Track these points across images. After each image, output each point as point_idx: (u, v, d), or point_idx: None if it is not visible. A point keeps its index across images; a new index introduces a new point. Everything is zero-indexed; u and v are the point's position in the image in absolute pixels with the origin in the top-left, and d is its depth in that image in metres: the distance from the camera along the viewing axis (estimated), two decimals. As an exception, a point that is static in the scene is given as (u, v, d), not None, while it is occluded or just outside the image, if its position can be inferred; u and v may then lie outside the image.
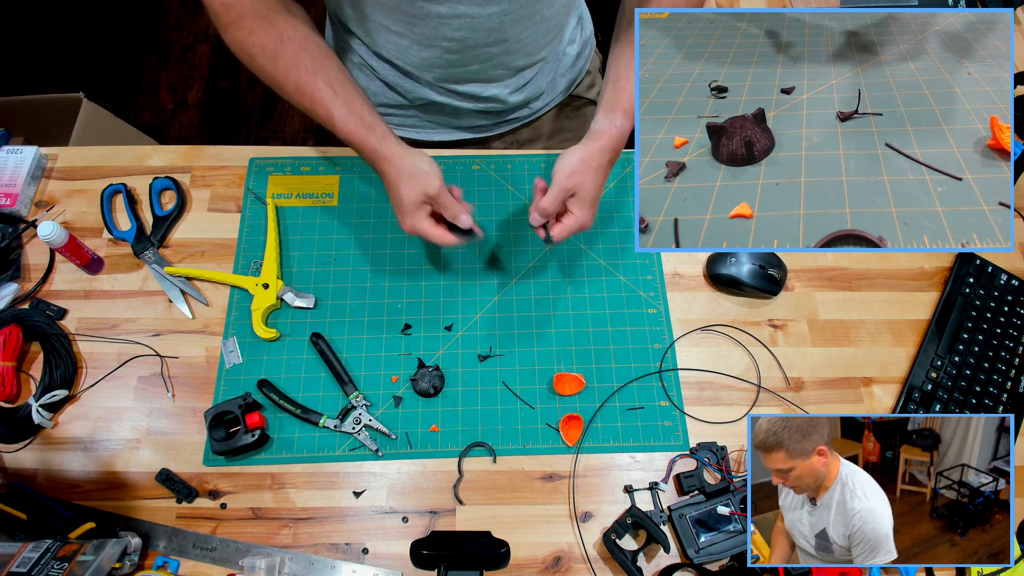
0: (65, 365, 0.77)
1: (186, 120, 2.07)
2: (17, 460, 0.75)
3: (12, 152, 0.88)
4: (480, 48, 0.81)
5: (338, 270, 0.86)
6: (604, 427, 0.78)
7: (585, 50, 0.99)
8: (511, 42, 0.82)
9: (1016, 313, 0.87)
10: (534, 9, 0.79)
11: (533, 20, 0.81)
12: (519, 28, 0.80)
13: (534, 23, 0.81)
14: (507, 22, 0.78)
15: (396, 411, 0.78)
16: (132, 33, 2.20)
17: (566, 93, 1.01)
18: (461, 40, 0.78)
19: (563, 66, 0.96)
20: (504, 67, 0.86)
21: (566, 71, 0.97)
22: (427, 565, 0.69)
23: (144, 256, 0.84)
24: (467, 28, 0.77)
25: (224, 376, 0.79)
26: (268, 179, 0.91)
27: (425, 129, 0.97)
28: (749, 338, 0.84)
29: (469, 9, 0.74)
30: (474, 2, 0.74)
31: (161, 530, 0.71)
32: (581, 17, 0.96)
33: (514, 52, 0.84)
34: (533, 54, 0.87)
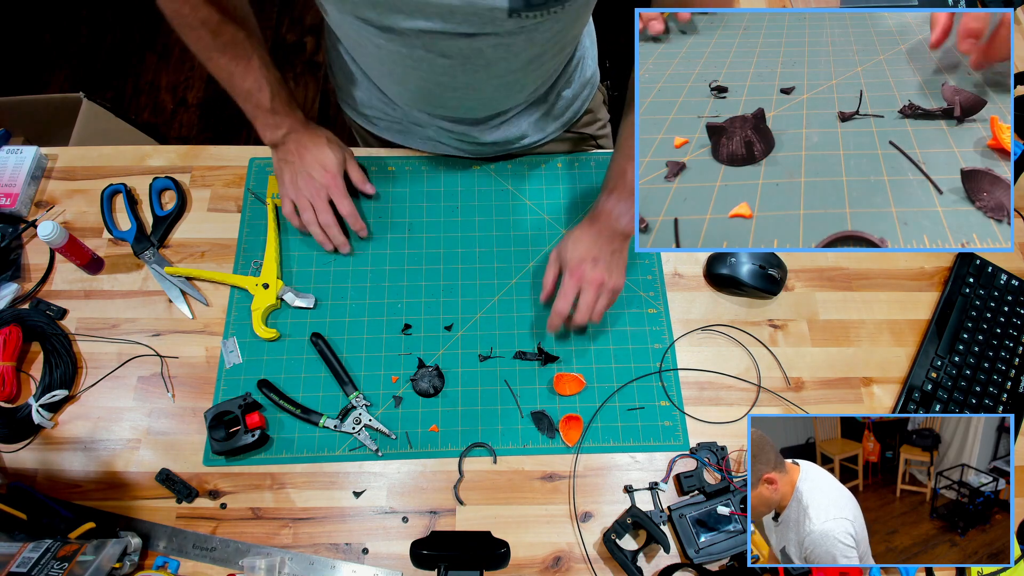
0: (65, 365, 0.77)
1: (186, 120, 2.07)
2: (17, 460, 0.75)
3: (12, 152, 0.88)
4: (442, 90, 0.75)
5: (338, 270, 0.86)
6: (604, 427, 0.78)
7: (584, 91, 0.92)
8: (466, 90, 0.76)
9: (1016, 313, 0.87)
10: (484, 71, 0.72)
11: (488, 76, 0.73)
12: (473, 79, 0.73)
13: (490, 80, 0.74)
14: (458, 72, 0.71)
15: (396, 411, 0.78)
16: (132, 33, 2.20)
17: (562, 131, 0.94)
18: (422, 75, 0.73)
19: (557, 109, 0.89)
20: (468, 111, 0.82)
21: (560, 113, 0.90)
22: (427, 565, 0.69)
23: (144, 256, 0.84)
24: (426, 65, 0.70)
25: (224, 376, 0.79)
26: (268, 179, 0.91)
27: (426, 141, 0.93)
28: (749, 338, 0.84)
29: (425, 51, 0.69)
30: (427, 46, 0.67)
31: (161, 530, 0.71)
32: (582, 59, 0.88)
33: (473, 101, 0.79)
34: (495, 106, 0.82)
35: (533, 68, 0.74)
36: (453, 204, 0.91)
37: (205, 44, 0.74)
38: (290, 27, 2.21)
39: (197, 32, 0.73)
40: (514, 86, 0.77)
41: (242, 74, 0.77)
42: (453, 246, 0.88)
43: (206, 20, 0.72)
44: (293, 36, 2.20)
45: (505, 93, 0.78)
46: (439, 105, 0.80)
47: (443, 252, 0.87)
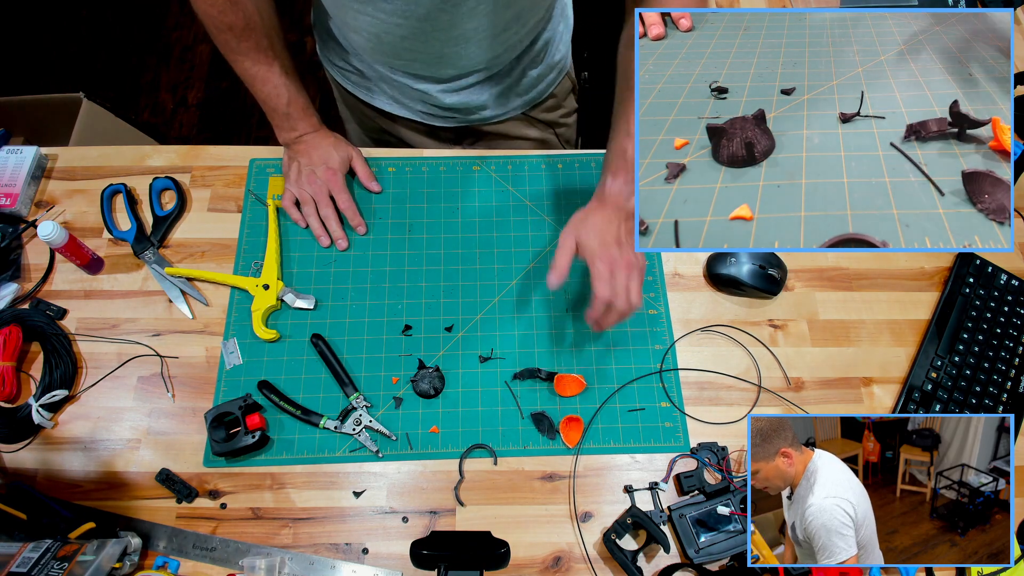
0: (65, 365, 0.77)
1: (186, 120, 2.07)
2: (17, 460, 0.75)
3: (12, 152, 0.88)
4: (401, 40, 0.78)
5: (338, 271, 0.86)
6: (605, 428, 0.78)
7: (550, 74, 0.95)
8: (414, 40, 0.78)
9: (1016, 313, 0.87)
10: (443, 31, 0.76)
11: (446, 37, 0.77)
12: (420, 27, 0.76)
13: (436, 33, 0.77)
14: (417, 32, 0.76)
15: (396, 412, 0.78)
16: (132, 33, 2.20)
17: (523, 109, 0.97)
18: (382, 28, 0.77)
19: (522, 86, 0.93)
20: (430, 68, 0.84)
21: (524, 90, 0.94)
22: (427, 565, 0.69)
23: (144, 256, 0.84)
24: (383, 20, 0.75)
25: (224, 377, 0.79)
26: (268, 179, 0.91)
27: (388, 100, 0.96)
28: (749, 338, 0.84)
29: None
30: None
31: (161, 530, 0.71)
32: (550, 41, 0.92)
33: (426, 56, 0.81)
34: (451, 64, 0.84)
35: (488, 32, 0.78)
36: (453, 204, 0.91)
37: (231, 47, 0.79)
38: (290, 27, 2.21)
39: (224, 35, 0.78)
40: (468, 45, 0.80)
41: (263, 79, 0.82)
42: (453, 247, 0.88)
43: (232, 25, 0.77)
44: (293, 36, 2.20)
45: (458, 51, 0.80)
46: (392, 55, 0.83)
47: (443, 253, 0.87)
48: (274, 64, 0.82)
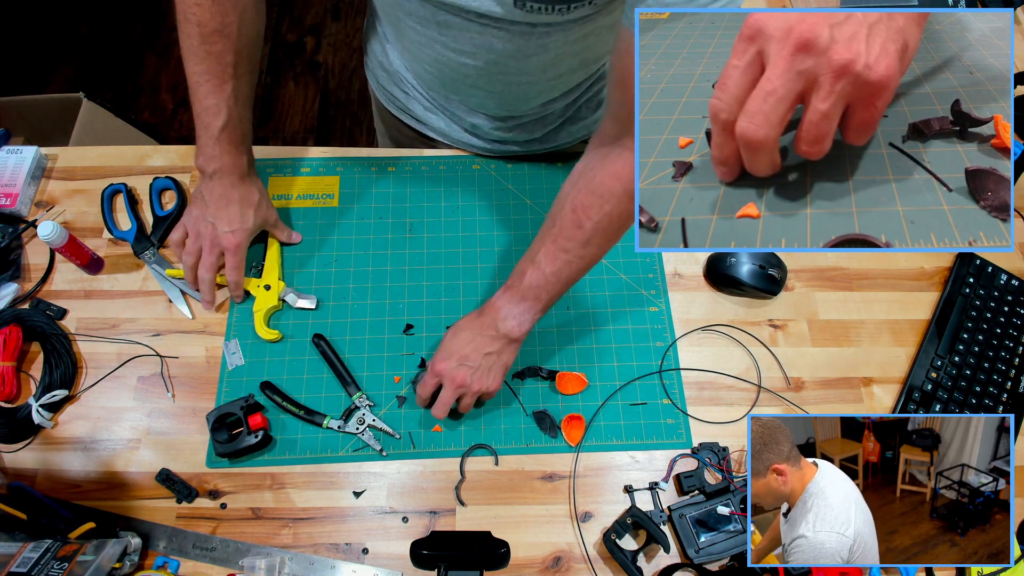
0: (65, 365, 0.77)
1: (186, 120, 2.07)
2: (17, 460, 0.74)
3: (12, 152, 0.88)
4: (464, 78, 0.76)
5: (339, 271, 0.86)
6: (607, 425, 0.78)
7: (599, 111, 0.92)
8: (486, 88, 0.78)
9: (1016, 313, 0.87)
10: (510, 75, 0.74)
11: (509, 80, 0.75)
12: (493, 82, 0.76)
13: (511, 84, 0.76)
14: (482, 71, 0.74)
15: (399, 411, 0.78)
16: (132, 33, 2.20)
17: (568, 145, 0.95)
18: (448, 62, 0.75)
19: (577, 126, 0.91)
20: (487, 106, 0.83)
21: (578, 130, 0.92)
22: (427, 565, 0.69)
23: (144, 256, 0.84)
24: (452, 58, 0.74)
25: (226, 378, 0.79)
26: (268, 180, 0.91)
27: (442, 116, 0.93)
28: (749, 338, 0.84)
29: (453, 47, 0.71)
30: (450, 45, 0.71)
31: (161, 530, 0.71)
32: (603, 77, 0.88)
33: (495, 98, 0.80)
34: (515, 109, 0.83)
35: (551, 75, 0.75)
36: (453, 204, 0.91)
37: (191, 46, 0.71)
38: (290, 27, 2.21)
39: (189, 28, 0.70)
40: (530, 88, 0.78)
41: (208, 92, 0.73)
42: (454, 246, 0.88)
43: (202, 21, 0.69)
44: (293, 36, 2.20)
45: (519, 92, 0.78)
46: (451, 89, 0.81)
47: (444, 252, 0.87)
48: (227, 84, 0.72)
